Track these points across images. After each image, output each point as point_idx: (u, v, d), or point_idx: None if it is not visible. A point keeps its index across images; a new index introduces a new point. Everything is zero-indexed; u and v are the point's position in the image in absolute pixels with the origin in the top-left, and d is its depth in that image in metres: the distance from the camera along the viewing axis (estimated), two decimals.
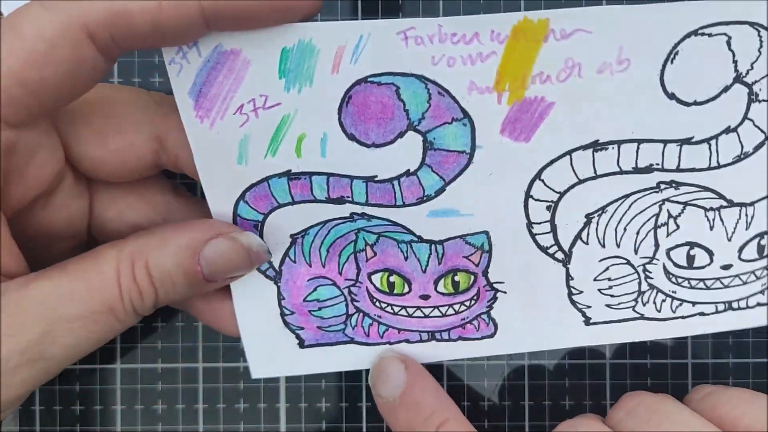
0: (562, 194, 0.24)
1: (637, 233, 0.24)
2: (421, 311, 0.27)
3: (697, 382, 0.30)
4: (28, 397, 0.31)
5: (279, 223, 0.25)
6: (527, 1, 0.28)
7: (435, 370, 0.31)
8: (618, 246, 0.25)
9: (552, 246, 0.25)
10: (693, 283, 0.25)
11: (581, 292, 0.25)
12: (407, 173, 0.24)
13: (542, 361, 0.31)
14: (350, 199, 0.25)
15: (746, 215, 0.24)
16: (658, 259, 0.25)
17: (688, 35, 0.21)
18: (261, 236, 0.26)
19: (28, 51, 0.20)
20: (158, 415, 0.31)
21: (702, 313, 0.26)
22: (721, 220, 0.24)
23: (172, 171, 0.25)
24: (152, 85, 0.30)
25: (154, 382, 0.31)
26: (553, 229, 0.24)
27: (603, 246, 0.25)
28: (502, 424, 0.31)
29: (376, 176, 0.24)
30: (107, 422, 0.31)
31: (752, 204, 0.24)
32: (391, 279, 0.26)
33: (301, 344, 0.27)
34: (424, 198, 0.24)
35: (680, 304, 0.25)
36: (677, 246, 0.24)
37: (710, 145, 0.23)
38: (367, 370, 0.28)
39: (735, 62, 0.22)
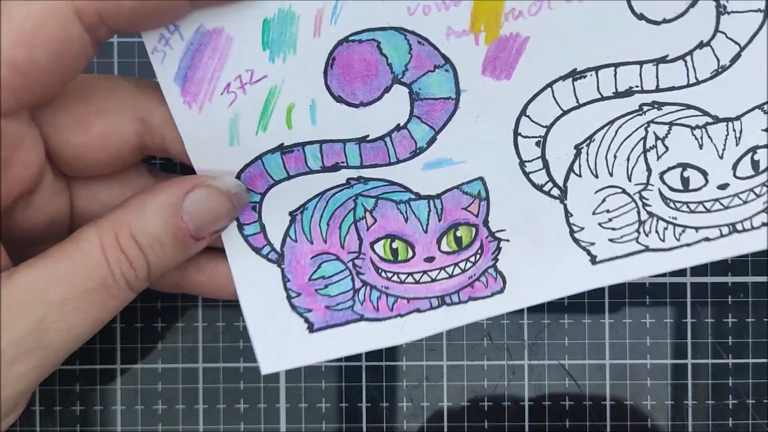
0: (549, 128, 0.24)
1: (628, 159, 0.25)
2: (428, 275, 0.27)
3: (697, 382, 0.31)
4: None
5: (276, 201, 0.26)
6: None
7: (434, 369, 0.31)
8: (611, 175, 0.25)
9: (547, 183, 0.25)
10: (692, 206, 0.25)
11: (582, 228, 0.26)
12: (398, 128, 0.24)
13: (542, 362, 0.31)
14: (345, 164, 0.25)
15: (734, 130, 0.24)
16: (653, 185, 0.25)
17: None
18: (260, 217, 0.26)
19: (16, 30, 0.20)
20: (158, 416, 0.31)
21: (707, 239, 0.26)
22: (710, 137, 0.24)
23: (158, 155, 0.26)
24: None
25: (154, 382, 0.31)
26: (546, 165, 0.25)
27: (596, 176, 0.25)
28: (501, 425, 0.31)
29: (368, 136, 0.25)
30: (107, 423, 0.31)
31: (738, 118, 0.24)
32: (394, 245, 0.26)
33: (311, 328, 0.27)
34: (417, 150, 0.25)
35: (683, 231, 0.26)
36: (669, 169, 0.25)
37: (686, 62, 0.23)
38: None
39: None
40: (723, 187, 0.25)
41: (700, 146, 0.25)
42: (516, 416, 0.31)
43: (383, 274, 0.27)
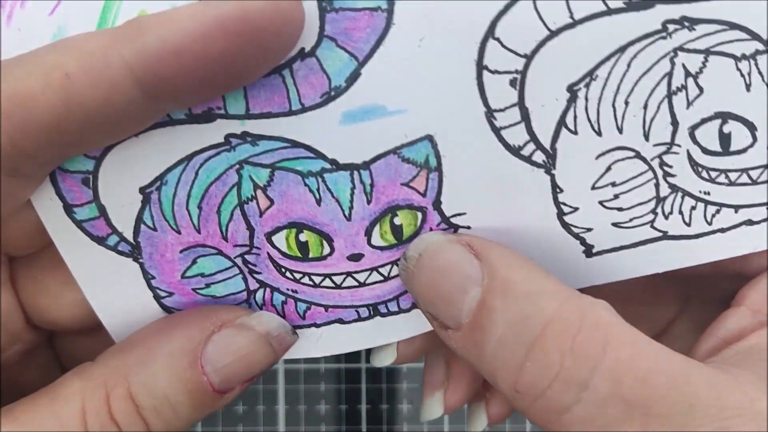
0: (529, 58, 0.16)
1: (645, 107, 0.17)
2: (354, 278, 0.19)
3: None
4: None
5: (119, 170, 0.18)
6: None
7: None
8: (620, 131, 0.17)
9: (527, 144, 0.17)
10: (732, 176, 0.18)
11: (575, 209, 0.18)
12: (301, 54, 0.16)
13: None
14: (223, 111, 0.17)
15: None
16: (680, 145, 0.17)
17: None
18: (96, 196, 0.17)
19: None
20: None
21: (750, 221, 0.18)
22: (761, 73, 0.17)
23: None
24: None
25: None
26: (525, 116, 0.17)
27: (599, 133, 0.17)
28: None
29: None
30: None
31: None
32: (302, 238, 0.18)
33: None
34: (332, 92, 0.17)
35: (717, 211, 0.18)
36: (704, 121, 0.17)
37: None
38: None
39: None
40: None
41: (748, 86, 0.17)
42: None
43: (288, 274, 0.19)
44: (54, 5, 0.16)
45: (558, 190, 0.18)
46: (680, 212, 0.18)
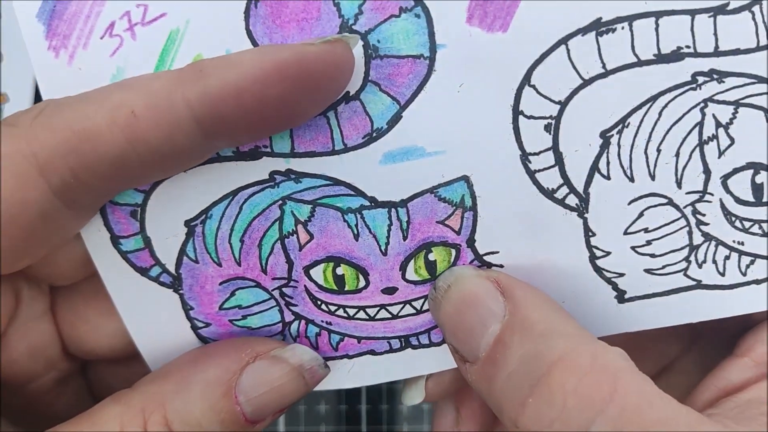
0: (563, 105, 0.17)
1: (677, 155, 0.17)
2: (387, 311, 0.19)
3: None
4: None
5: (166, 204, 0.19)
6: None
7: None
8: (653, 177, 0.17)
9: (560, 187, 0.18)
10: (766, 227, 0.18)
11: (608, 253, 0.18)
12: (346, 97, 0.17)
13: None
14: (269, 149, 0.18)
15: None
16: (712, 194, 0.18)
17: None
18: (143, 228, 0.18)
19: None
20: None
21: None
22: None
23: None
24: None
25: None
26: (559, 160, 0.17)
27: (631, 179, 0.17)
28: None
29: None
30: None
31: None
32: (339, 271, 0.19)
33: None
34: (374, 133, 0.18)
35: (752, 262, 0.18)
36: (736, 171, 0.18)
37: (753, 14, 0.17)
38: None
39: None
40: None
41: None
42: None
43: (324, 306, 0.19)
44: (116, 47, 0.17)
45: (590, 234, 0.18)
46: (714, 261, 0.18)
